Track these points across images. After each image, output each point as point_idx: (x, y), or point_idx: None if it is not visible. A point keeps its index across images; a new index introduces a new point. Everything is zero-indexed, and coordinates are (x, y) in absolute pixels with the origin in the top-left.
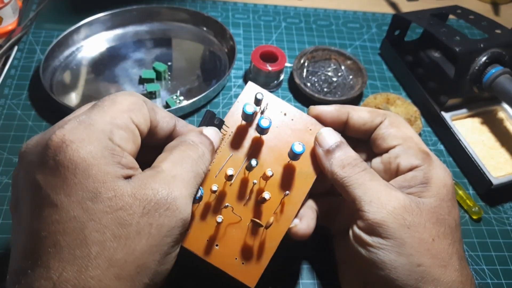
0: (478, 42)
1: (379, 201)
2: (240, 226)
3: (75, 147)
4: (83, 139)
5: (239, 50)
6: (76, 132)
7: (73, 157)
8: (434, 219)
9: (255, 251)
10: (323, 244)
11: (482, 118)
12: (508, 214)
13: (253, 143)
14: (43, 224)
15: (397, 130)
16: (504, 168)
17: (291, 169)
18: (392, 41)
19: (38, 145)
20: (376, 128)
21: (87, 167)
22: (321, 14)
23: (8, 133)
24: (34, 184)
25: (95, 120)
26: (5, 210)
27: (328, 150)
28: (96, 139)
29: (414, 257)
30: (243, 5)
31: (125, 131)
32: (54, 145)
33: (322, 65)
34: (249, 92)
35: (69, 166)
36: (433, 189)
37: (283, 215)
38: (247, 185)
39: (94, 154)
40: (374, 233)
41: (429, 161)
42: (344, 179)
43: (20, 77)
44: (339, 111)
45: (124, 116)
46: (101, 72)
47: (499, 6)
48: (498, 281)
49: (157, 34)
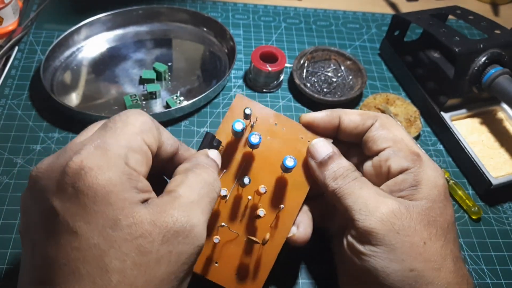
0: (477, 43)
1: (367, 208)
2: (238, 242)
3: (94, 174)
4: (101, 165)
5: (239, 51)
6: (94, 158)
7: (92, 184)
8: (425, 222)
9: (254, 267)
10: (321, 244)
11: (481, 118)
12: (508, 214)
13: (245, 158)
14: (62, 251)
15: (387, 132)
16: (503, 168)
17: (284, 181)
18: (392, 42)
19: (53, 171)
20: (367, 131)
21: (106, 194)
22: (321, 14)
23: (9, 133)
24: (51, 211)
25: (111, 145)
26: (5, 210)
27: (321, 162)
28: (114, 165)
29: (406, 262)
30: (243, 6)
31: (139, 154)
32: (72, 172)
33: (322, 65)
34: (238, 105)
35: (89, 194)
36: (423, 191)
37: (278, 228)
38: (241, 202)
39: (113, 181)
40: (365, 241)
41: (419, 162)
42: (336, 190)
43: (20, 77)
44: (330, 116)
45: (138, 138)
46: (101, 72)
47: (498, 6)
48: (498, 281)
49: (157, 35)
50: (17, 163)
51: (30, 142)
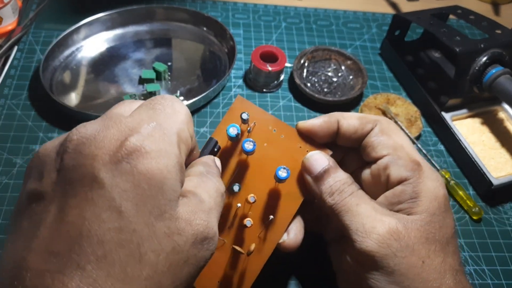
0: (478, 42)
1: (364, 229)
2: (224, 250)
3: (154, 155)
4: (161, 149)
5: (239, 50)
6: (154, 140)
7: (151, 166)
8: (423, 239)
9: (238, 276)
10: (317, 246)
11: (482, 118)
12: (509, 214)
13: (240, 164)
14: (99, 227)
15: (387, 138)
16: (504, 168)
17: (277, 192)
18: (392, 41)
19: (103, 141)
20: (367, 135)
21: (162, 180)
22: (321, 14)
23: (8, 133)
24: (96, 180)
25: (167, 130)
26: (5, 210)
27: (316, 176)
28: (172, 152)
29: (404, 284)
30: (243, 5)
31: (185, 144)
32: (131, 148)
33: (322, 65)
34: (237, 107)
35: (146, 175)
36: (423, 204)
37: (266, 240)
38: (231, 209)
39: (169, 168)
40: (363, 263)
41: (419, 172)
42: (333, 206)
43: (20, 77)
44: (328, 122)
45: (185, 128)
46: (101, 72)
47: (499, 6)
48: (499, 282)
49: (157, 34)
50: (17, 163)
51: (30, 142)
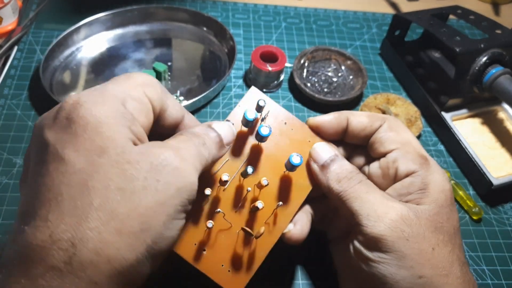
0: (478, 42)
1: (376, 214)
2: (230, 233)
3: (88, 106)
4: (96, 100)
5: (239, 50)
6: (91, 95)
7: (85, 114)
8: (432, 228)
9: (243, 260)
10: (320, 245)
11: (482, 118)
12: (509, 214)
13: (251, 150)
14: (47, 178)
15: (395, 134)
16: (504, 168)
17: (287, 180)
18: (392, 41)
19: (52, 111)
20: (375, 132)
21: (98, 124)
22: (321, 14)
23: (8, 133)
24: (44, 142)
25: (110, 88)
26: (5, 210)
27: (323, 165)
28: (110, 101)
29: (415, 269)
30: (243, 5)
31: (138, 102)
32: (67, 106)
33: (322, 65)
34: (251, 97)
35: (80, 123)
36: (431, 195)
37: (274, 225)
38: (241, 192)
39: (106, 113)
40: (374, 247)
41: (427, 166)
42: (341, 193)
43: (20, 77)
44: (338, 119)
45: (138, 88)
46: (101, 72)
47: (499, 6)
48: (498, 282)
49: (157, 34)
50: (17, 163)
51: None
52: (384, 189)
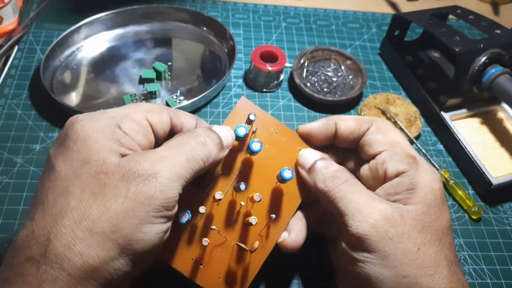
0: (478, 42)
1: (360, 214)
2: (226, 247)
3: (83, 123)
4: (92, 119)
5: (239, 50)
6: (90, 114)
7: (78, 129)
8: (419, 227)
9: (239, 272)
10: (318, 246)
11: (482, 118)
12: (508, 214)
13: (243, 163)
14: (41, 184)
15: (383, 135)
16: (503, 168)
17: (279, 191)
18: (392, 41)
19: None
20: (364, 135)
21: (86, 137)
22: (321, 14)
23: (8, 133)
24: (47, 155)
25: (111, 110)
26: (5, 210)
27: (309, 168)
28: (104, 120)
29: (399, 269)
30: (243, 5)
31: (137, 124)
32: (68, 123)
33: (322, 65)
34: (242, 107)
35: (72, 137)
36: (419, 195)
37: (266, 238)
38: (234, 207)
39: (95, 129)
40: (358, 247)
41: (415, 165)
42: (327, 193)
43: (20, 76)
44: (326, 125)
45: (141, 113)
46: (101, 72)
47: (499, 6)
48: (498, 281)
49: (157, 34)
50: (17, 163)
51: (30, 142)
52: (375, 190)
